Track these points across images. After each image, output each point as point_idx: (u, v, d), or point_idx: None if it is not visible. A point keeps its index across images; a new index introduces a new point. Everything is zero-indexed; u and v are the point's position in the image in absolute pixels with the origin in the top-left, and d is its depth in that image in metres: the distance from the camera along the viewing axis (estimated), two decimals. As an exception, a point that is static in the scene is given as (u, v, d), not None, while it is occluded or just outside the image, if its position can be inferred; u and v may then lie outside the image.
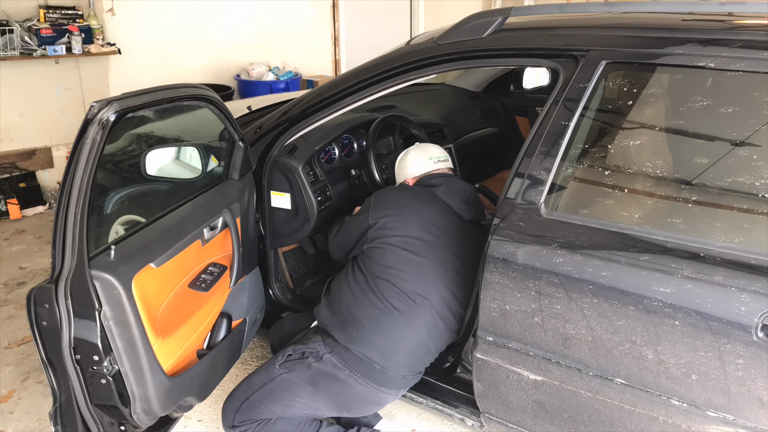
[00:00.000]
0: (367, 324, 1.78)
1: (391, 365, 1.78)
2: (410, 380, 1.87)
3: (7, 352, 2.64)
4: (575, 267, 1.47)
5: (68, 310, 1.48)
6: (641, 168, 1.57)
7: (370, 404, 1.87)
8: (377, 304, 1.79)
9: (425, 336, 1.81)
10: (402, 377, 1.83)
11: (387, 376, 1.79)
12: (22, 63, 4.00)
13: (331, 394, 1.81)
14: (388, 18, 6.31)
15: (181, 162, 2.07)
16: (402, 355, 1.79)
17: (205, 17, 4.92)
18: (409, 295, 1.79)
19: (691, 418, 1.40)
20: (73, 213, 1.43)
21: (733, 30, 1.52)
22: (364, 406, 1.87)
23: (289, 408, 1.83)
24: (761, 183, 1.38)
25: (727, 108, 1.47)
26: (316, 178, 2.33)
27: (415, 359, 1.82)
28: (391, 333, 1.78)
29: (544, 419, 1.66)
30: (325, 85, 2.15)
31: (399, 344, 1.78)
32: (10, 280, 3.29)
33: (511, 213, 1.60)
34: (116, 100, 1.47)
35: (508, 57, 1.84)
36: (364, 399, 1.83)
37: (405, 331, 1.78)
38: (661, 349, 1.39)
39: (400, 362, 1.79)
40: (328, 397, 1.82)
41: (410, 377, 1.86)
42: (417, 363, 1.84)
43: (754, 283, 1.28)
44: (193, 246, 1.79)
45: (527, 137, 1.65)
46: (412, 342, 1.80)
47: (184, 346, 1.80)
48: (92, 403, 1.59)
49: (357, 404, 1.85)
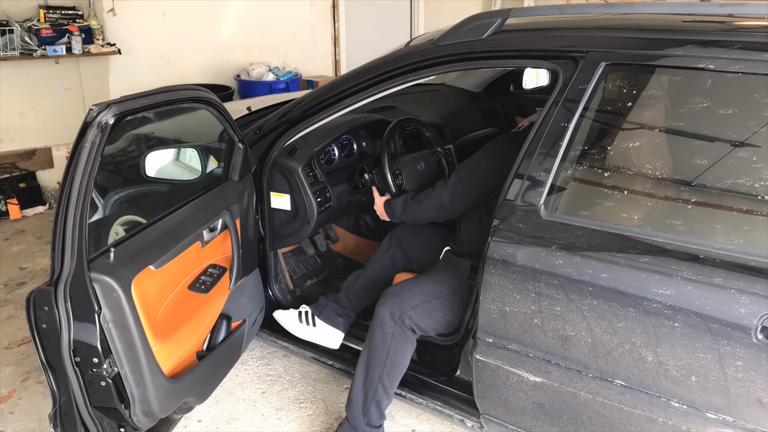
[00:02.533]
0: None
1: None
2: None
3: (7, 352, 2.64)
4: (575, 268, 1.47)
5: (68, 312, 1.48)
6: (641, 169, 1.57)
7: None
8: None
9: None
10: None
11: None
12: (22, 63, 4.00)
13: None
14: (388, 18, 6.30)
15: (180, 163, 2.07)
16: None
17: (205, 17, 4.91)
18: None
19: (691, 420, 1.40)
20: (73, 216, 1.43)
21: (732, 31, 1.52)
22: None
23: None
24: (761, 185, 1.38)
25: (726, 109, 1.47)
26: (316, 179, 2.32)
27: None
28: None
29: (544, 421, 1.66)
30: (325, 86, 2.15)
31: None
32: (10, 280, 3.29)
33: (511, 214, 1.60)
34: (115, 103, 1.47)
35: (507, 58, 1.84)
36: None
37: None
38: (660, 351, 1.39)
39: None
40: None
41: None
42: None
43: (753, 285, 1.28)
44: (193, 248, 1.79)
45: (527, 138, 1.65)
46: None
47: (184, 348, 1.80)
48: (92, 406, 1.59)
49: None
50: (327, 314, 2.25)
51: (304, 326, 2.27)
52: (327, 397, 2.38)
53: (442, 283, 1.98)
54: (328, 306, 2.26)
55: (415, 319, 1.92)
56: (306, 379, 2.48)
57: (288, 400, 2.37)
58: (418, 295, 1.94)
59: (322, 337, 2.25)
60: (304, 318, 2.28)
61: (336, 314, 2.25)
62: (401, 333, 1.93)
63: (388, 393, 1.96)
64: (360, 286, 2.29)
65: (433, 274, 2.06)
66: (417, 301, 1.93)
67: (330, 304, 2.27)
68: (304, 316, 2.28)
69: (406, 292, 1.95)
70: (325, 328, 2.24)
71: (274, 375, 2.51)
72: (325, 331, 2.24)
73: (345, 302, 2.27)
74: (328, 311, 2.25)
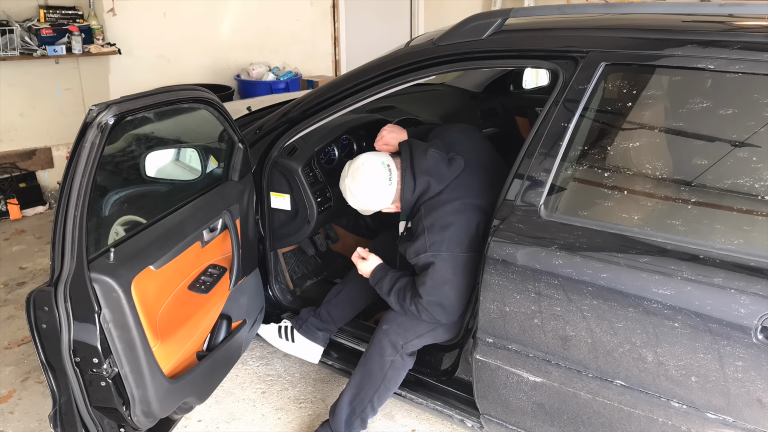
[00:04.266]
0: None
1: None
2: None
3: (7, 352, 2.64)
4: (575, 269, 1.47)
5: (68, 312, 1.48)
6: (641, 169, 1.57)
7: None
8: None
9: None
10: None
11: None
12: (22, 63, 4.00)
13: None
14: (388, 18, 6.30)
15: (180, 163, 2.07)
16: None
17: (205, 17, 4.91)
18: None
19: (691, 420, 1.40)
20: (73, 216, 1.43)
21: (732, 31, 1.51)
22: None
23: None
24: (761, 185, 1.38)
25: (726, 109, 1.47)
26: (316, 179, 2.32)
27: None
28: None
29: (544, 420, 1.66)
30: (325, 86, 2.14)
31: None
32: (10, 280, 3.29)
33: (511, 214, 1.60)
34: (115, 104, 1.47)
35: (507, 58, 1.84)
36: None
37: None
38: (660, 351, 1.39)
39: None
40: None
41: None
42: None
43: (753, 285, 1.28)
44: (193, 248, 1.79)
45: (527, 138, 1.65)
46: None
47: (184, 348, 1.80)
48: (92, 406, 1.59)
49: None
50: (306, 329, 2.24)
51: (283, 341, 2.27)
52: (327, 397, 2.38)
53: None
54: (309, 320, 2.25)
55: (416, 345, 1.92)
56: (306, 379, 2.48)
57: (288, 400, 2.37)
58: (422, 324, 1.90)
59: (301, 352, 2.24)
60: (284, 333, 2.28)
61: (316, 329, 2.24)
62: (401, 361, 1.92)
63: (375, 410, 1.97)
64: (342, 300, 2.27)
65: None
66: (422, 331, 1.91)
67: (310, 319, 2.25)
68: (283, 331, 2.28)
69: (409, 323, 1.91)
70: (304, 343, 2.24)
71: (274, 375, 2.51)
72: (305, 347, 2.24)
73: (326, 317, 2.25)
74: (308, 326, 2.24)
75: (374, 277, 1.99)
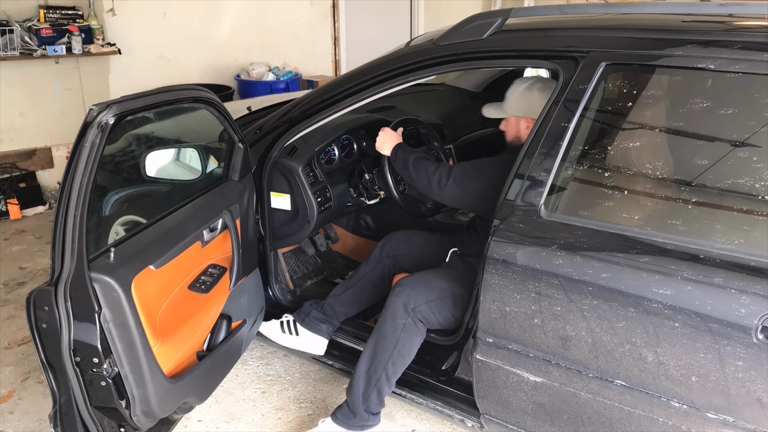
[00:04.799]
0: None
1: None
2: None
3: (7, 352, 2.64)
4: (575, 268, 1.47)
5: (68, 312, 1.48)
6: (641, 169, 1.57)
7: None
8: None
9: None
10: None
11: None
12: (22, 63, 3.99)
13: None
14: (388, 18, 6.29)
15: (180, 163, 2.07)
16: None
17: (205, 17, 4.91)
18: None
19: (691, 420, 1.40)
20: (73, 216, 1.43)
21: (732, 31, 1.51)
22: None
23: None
24: (761, 185, 1.38)
25: (726, 109, 1.47)
26: (316, 179, 2.32)
27: None
28: None
29: (544, 420, 1.65)
30: (325, 86, 2.15)
31: None
32: (10, 280, 3.29)
33: (511, 214, 1.60)
34: (115, 104, 1.47)
35: (507, 58, 1.84)
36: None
37: None
38: (661, 351, 1.39)
39: None
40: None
41: None
42: None
43: (754, 285, 1.28)
44: (193, 248, 1.79)
45: (527, 138, 1.65)
46: None
47: (184, 348, 1.80)
48: (92, 406, 1.59)
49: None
50: (310, 322, 2.25)
51: (287, 336, 2.28)
52: (327, 397, 2.38)
53: (459, 282, 1.97)
54: (311, 313, 2.26)
55: (426, 313, 1.93)
56: (306, 379, 2.48)
57: (288, 400, 2.37)
58: (435, 290, 1.94)
59: (306, 345, 2.25)
60: (287, 327, 2.28)
61: (319, 321, 2.25)
62: (413, 325, 1.93)
63: (390, 382, 1.97)
64: (348, 298, 2.28)
65: (450, 271, 2.05)
66: (432, 297, 1.94)
67: (313, 312, 2.26)
68: (286, 325, 2.29)
69: (422, 286, 1.95)
70: (308, 335, 2.24)
71: (274, 375, 2.51)
72: (309, 339, 2.24)
73: (329, 311, 2.26)
74: (310, 319, 2.25)
75: (396, 149, 2.14)
